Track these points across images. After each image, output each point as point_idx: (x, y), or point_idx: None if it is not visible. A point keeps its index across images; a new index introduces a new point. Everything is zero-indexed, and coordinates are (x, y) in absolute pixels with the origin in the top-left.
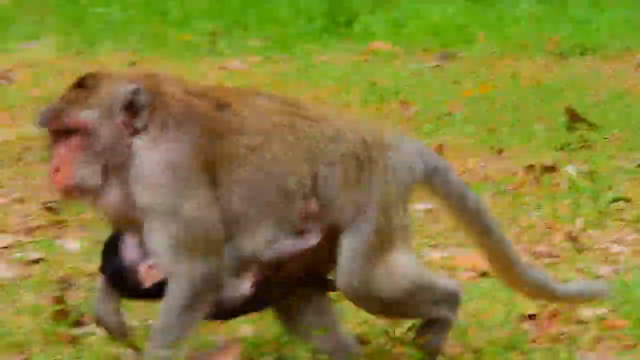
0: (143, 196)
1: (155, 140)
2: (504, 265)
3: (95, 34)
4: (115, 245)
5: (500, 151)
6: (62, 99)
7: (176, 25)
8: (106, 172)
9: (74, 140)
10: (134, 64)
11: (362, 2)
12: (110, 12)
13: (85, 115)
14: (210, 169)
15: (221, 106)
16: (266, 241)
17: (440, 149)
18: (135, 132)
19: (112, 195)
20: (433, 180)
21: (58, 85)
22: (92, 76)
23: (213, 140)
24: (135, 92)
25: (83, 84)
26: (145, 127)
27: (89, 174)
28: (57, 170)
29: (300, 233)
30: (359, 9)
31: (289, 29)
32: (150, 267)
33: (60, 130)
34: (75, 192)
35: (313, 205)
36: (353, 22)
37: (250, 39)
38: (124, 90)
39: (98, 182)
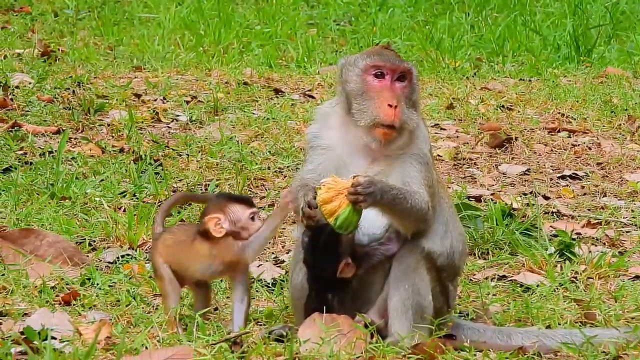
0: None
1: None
2: None
3: None
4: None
5: None
6: (389, 52)
7: (448, 53)
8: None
9: (403, 85)
10: None
11: (600, 35)
12: (396, 41)
13: (413, 68)
14: None
15: None
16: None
17: None
18: None
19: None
20: None
21: None
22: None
23: None
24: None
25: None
26: None
27: (413, 118)
28: (395, 106)
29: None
30: (597, 41)
31: (539, 57)
32: (347, 264)
33: (398, 72)
34: (402, 129)
35: None
36: (592, 52)
37: (507, 64)
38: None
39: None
